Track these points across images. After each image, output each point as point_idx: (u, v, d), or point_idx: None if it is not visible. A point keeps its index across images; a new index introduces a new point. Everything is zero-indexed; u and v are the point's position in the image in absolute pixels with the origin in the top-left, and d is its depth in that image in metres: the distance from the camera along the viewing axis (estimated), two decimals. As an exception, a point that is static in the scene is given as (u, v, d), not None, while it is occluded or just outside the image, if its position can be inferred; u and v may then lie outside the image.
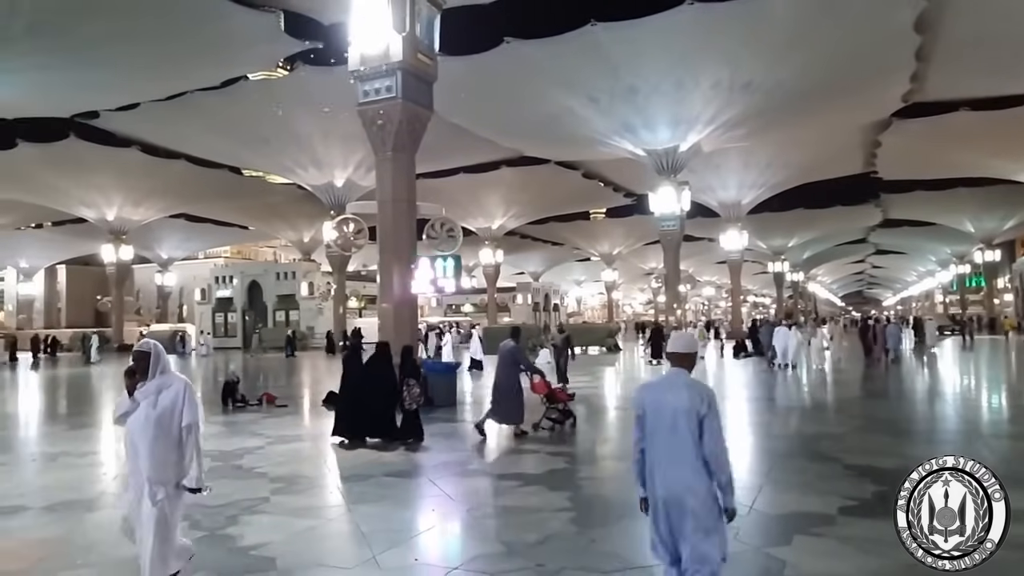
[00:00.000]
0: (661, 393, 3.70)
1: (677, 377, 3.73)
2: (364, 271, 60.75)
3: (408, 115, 14.32)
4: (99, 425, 13.73)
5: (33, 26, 20.89)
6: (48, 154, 36.37)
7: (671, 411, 3.58)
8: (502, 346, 11.28)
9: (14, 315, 66.43)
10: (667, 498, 3.56)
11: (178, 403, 4.14)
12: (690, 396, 3.58)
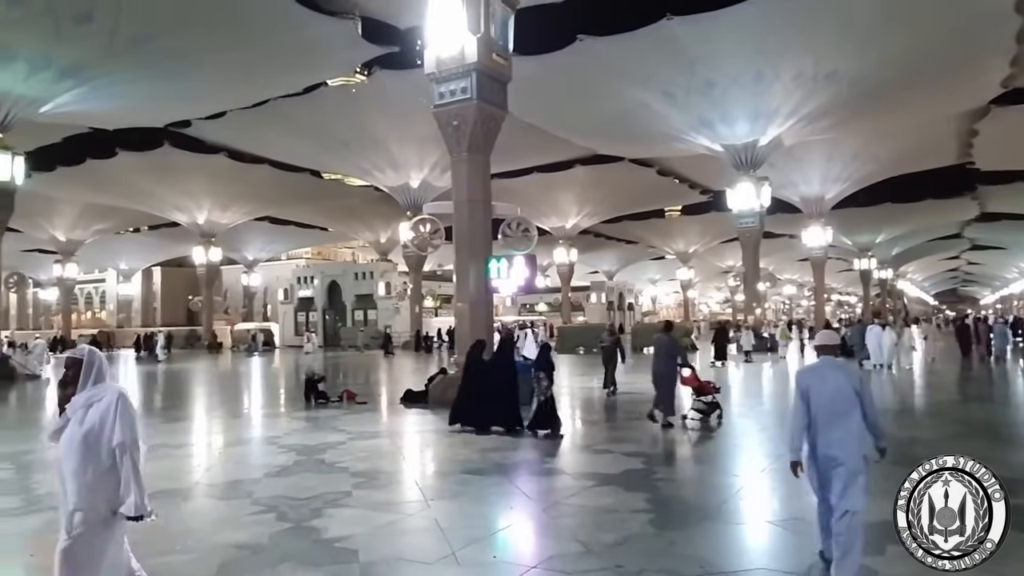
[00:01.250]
0: (821, 375, 4.62)
1: (830, 362, 4.72)
2: (439, 271, 61.63)
3: (483, 116, 14.44)
4: (191, 418, 14.45)
5: (133, 41, 22.13)
6: (145, 162, 38.51)
7: (832, 388, 4.49)
8: (657, 339, 12.06)
9: (115, 314, 70.69)
10: (827, 456, 4.41)
11: (108, 419, 3.49)
12: (846, 375, 4.61)
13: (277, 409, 15.71)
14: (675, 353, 11.63)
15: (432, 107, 14.87)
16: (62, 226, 51.69)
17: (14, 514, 6.71)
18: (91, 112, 27.79)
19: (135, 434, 3.55)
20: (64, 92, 24.12)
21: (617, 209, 52.50)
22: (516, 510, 6.79)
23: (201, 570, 5.04)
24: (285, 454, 9.48)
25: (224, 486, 7.77)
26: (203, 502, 7.22)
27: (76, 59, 22.52)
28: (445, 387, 14.66)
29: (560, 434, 10.56)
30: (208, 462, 9.69)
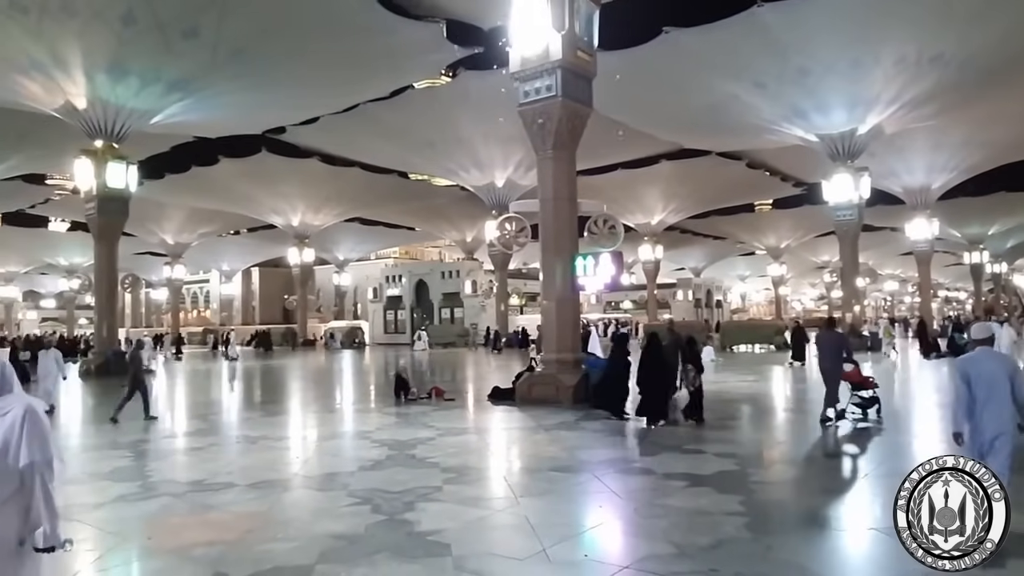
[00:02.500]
0: (982, 363, 5.34)
1: (988, 351, 5.50)
2: (525, 269, 61.94)
3: (568, 113, 14.40)
4: (287, 412, 15.08)
5: (234, 53, 23.29)
6: (244, 168, 40.50)
7: (989, 374, 5.22)
8: (825, 336, 11.90)
9: (218, 312, 74.65)
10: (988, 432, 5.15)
11: (12, 437, 2.99)
12: (1003, 363, 5.39)
13: (368, 405, 16.18)
14: (842, 348, 11.47)
15: (517, 106, 14.92)
16: (171, 230, 55.04)
17: (133, 499, 7.19)
18: (196, 122, 29.43)
19: (47, 453, 3.05)
20: (172, 104, 25.64)
21: (704, 204, 51.31)
22: (605, 509, 6.74)
23: (303, 558, 5.23)
24: (378, 449, 9.74)
25: (321, 478, 8.06)
26: (302, 493, 7.51)
27: (183, 72, 23.89)
28: (531, 384, 14.73)
29: (703, 423, 11.24)
30: (305, 455, 10.08)
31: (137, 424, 13.33)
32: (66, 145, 27.61)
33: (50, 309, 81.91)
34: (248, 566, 5.08)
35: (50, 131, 28.25)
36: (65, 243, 64.02)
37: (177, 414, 15.78)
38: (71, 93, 23.78)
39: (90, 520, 6.48)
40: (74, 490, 7.79)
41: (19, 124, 29.04)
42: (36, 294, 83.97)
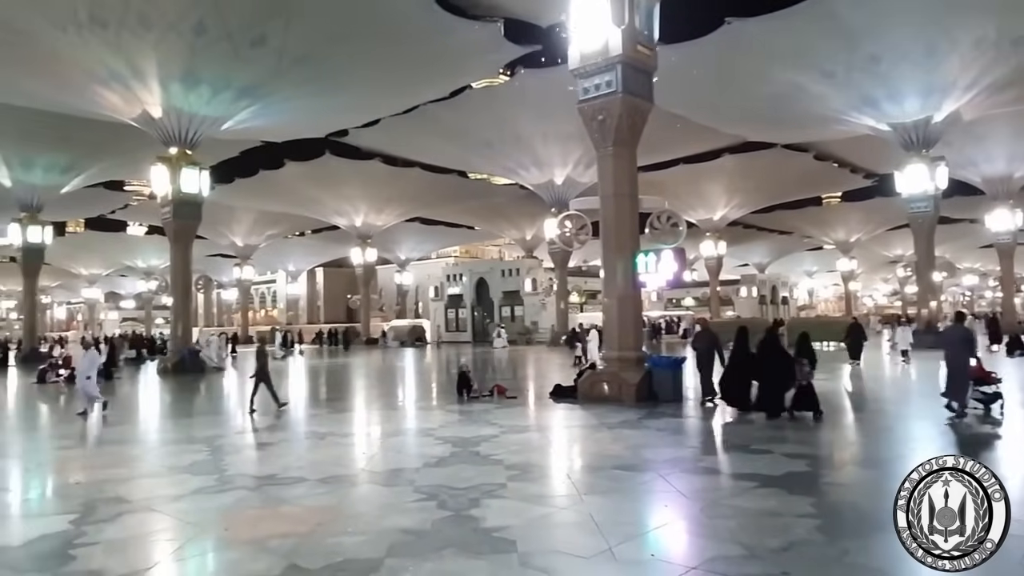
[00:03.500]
0: None
1: None
2: (585, 267, 61.68)
3: (628, 108, 14.24)
4: (353, 409, 15.39)
5: (298, 59, 23.92)
6: (308, 170, 41.57)
7: None
8: (952, 330, 11.94)
9: (284, 311, 76.85)
10: None
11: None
12: None
13: (430, 402, 16.38)
14: (969, 342, 11.38)
15: (576, 103, 14.84)
16: (240, 232, 56.99)
17: (210, 492, 7.46)
18: (263, 127, 30.36)
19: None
20: (241, 110, 26.49)
21: (769, 198, 50.07)
22: (671, 508, 6.65)
23: (372, 551, 5.34)
24: (441, 445, 9.85)
25: (387, 474, 8.20)
26: (369, 488, 7.66)
27: (251, 79, 24.66)
28: (593, 382, 14.65)
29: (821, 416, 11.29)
30: (371, 451, 10.27)
31: (211, 419, 13.86)
32: (143, 153, 28.87)
33: (129, 309, 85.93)
34: (320, 558, 5.22)
35: (128, 140, 29.61)
36: (143, 246, 67.13)
37: (247, 411, 16.31)
38: (147, 102, 24.83)
39: (170, 511, 6.77)
40: (155, 482, 8.16)
41: (100, 134, 30.55)
42: (116, 295, 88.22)
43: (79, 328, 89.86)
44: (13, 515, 7.33)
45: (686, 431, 11.20)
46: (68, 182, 36.04)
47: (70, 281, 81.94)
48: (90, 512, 6.70)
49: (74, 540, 5.86)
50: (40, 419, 15.59)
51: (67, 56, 22.41)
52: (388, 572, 4.94)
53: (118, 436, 12.12)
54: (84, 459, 10.14)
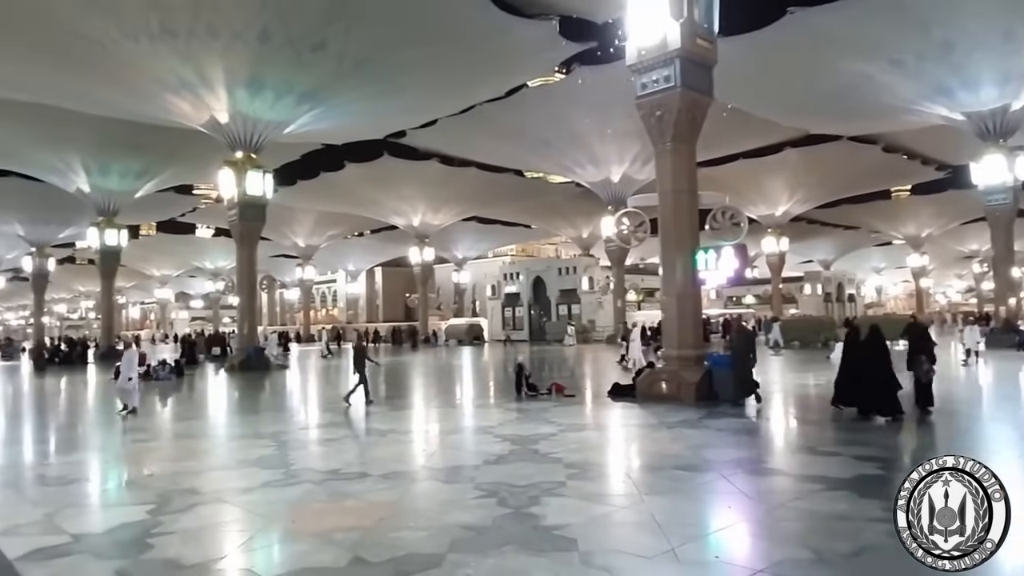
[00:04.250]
0: None
1: None
2: (642, 264, 61.03)
3: (687, 103, 14.02)
4: (412, 407, 15.60)
5: (358, 63, 24.37)
6: (367, 172, 42.33)
7: None
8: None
9: (344, 311, 78.44)
10: None
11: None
12: None
13: (488, 400, 16.48)
14: None
15: (634, 99, 14.69)
16: (302, 233, 58.47)
17: (277, 485, 7.68)
18: (324, 130, 31.05)
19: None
20: (303, 114, 27.16)
21: (834, 192, 48.57)
22: (735, 510, 6.52)
23: (434, 546, 5.40)
24: (500, 443, 9.89)
25: (447, 471, 8.29)
26: (430, 484, 7.75)
27: (312, 84, 25.25)
28: (651, 381, 14.49)
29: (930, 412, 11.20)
30: (431, 448, 10.40)
31: (277, 415, 14.27)
32: (210, 157, 29.91)
33: (198, 309, 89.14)
34: (384, 551, 5.31)
35: (196, 145, 30.72)
36: (210, 248, 69.56)
37: (310, 407, 16.74)
38: (215, 109, 25.70)
39: (240, 503, 6.99)
40: (225, 475, 8.44)
41: (171, 140, 31.81)
42: (186, 295, 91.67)
43: (152, 327, 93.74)
44: (95, 504, 7.70)
45: (748, 431, 10.97)
46: (142, 187, 37.65)
47: (143, 282, 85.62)
48: (165, 503, 6.98)
49: (151, 529, 6.11)
50: (115, 413, 16.28)
51: (140, 66, 23.37)
52: (450, 567, 4.99)
53: (189, 430, 12.59)
54: (158, 452, 10.56)
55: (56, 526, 6.32)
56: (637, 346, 22.03)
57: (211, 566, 5.29)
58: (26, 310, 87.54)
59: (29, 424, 15.01)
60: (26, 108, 28.23)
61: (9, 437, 12.87)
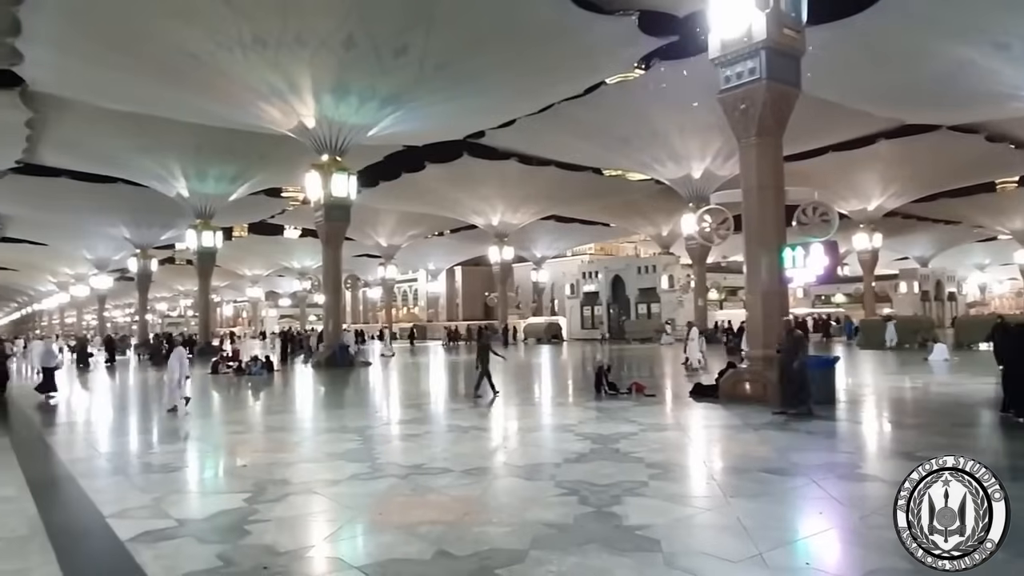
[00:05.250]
0: None
1: None
2: (724, 262, 59.58)
3: (773, 96, 13.59)
4: (493, 405, 15.73)
5: (438, 66, 24.79)
6: (447, 172, 42.96)
7: None
8: None
9: (424, 309, 79.91)
10: None
11: None
12: None
13: (567, 399, 16.46)
14: None
15: (717, 93, 14.36)
16: (384, 233, 59.93)
17: (364, 478, 7.92)
18: (405, 132, 31.71)
19: None
20: (385, 117, 27.84)
21: (932, 186, 45.97)
22: (826, 516, 6.29)
23: (516, 542, 5.45)
24: (581, 442, 9.88)
25: (528, 468, 8.33)
26: (511, 481, 7.81)
27: (395, 88, 25.84)
28: (735, 382, 14.15)
29: None
30: (512, 445, 10.48)
31: (361, 411, 14.68)
32: (298, 161, 31.04)
33: (286, 307, 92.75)
34: (468, 546, 5.40)
35: (285, 149, 31.97)
36: (298, 248, 72.20)
37: (392, 403, 17.16)
38: (303, 114, 26.67)
39: (328, 494, 7.25)
40: (314, 467, 8.76)
41: (261, 146, 33.26)
42: (275, 294, 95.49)
43: (244, 324, 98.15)
44: (196, 491, 8.14)
45: (840, 435, 10.56)
46: (235, 190, 39.52)
47: (236, 281, 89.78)
48: (260, 492, 7.31)
49: (248, 516, 6.41)
50: (214, 406, 17.16)
51: (234, 76, 24.49)
52: (533, 563, 5.03)
53: (280, 424, 13.13)
54: (252, 443, 11.07)
55: (162, 511, 6.73)
56: (695, 346, 22.04)
57: (304, 554, 5.51)
58: (131, 308, 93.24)
59: (135, 415, 15.99)
60: (132, 119, 30.15)
61: (117, 427, 13.76)
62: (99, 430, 13.44)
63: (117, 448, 11.08)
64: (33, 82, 25.97)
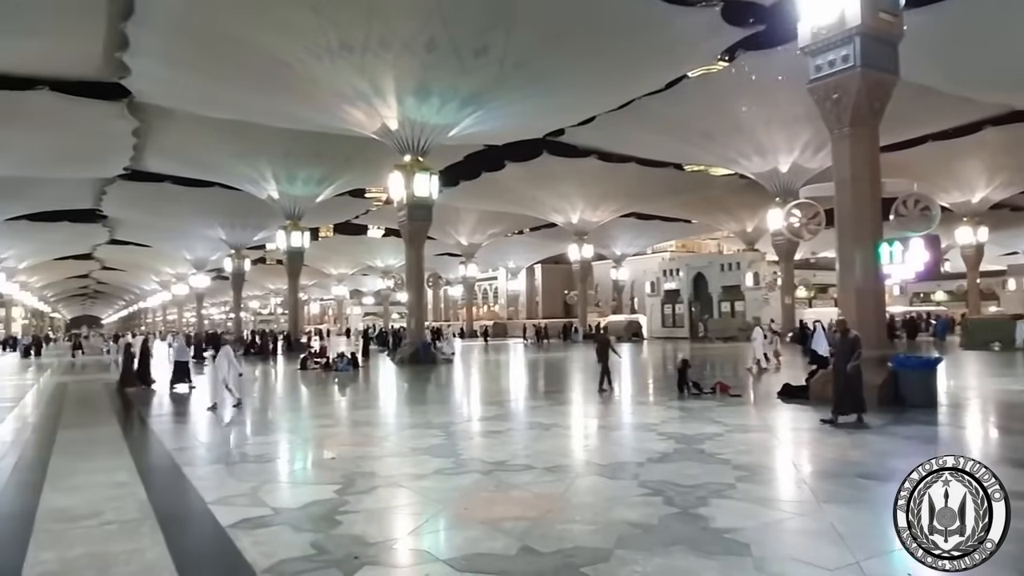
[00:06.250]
0: None
1: None
2: (813, 259, 57.38)
3: (868, 84, 12.97)
4: (573, 402, 15.71)
5: (518, 65, 24.89)
6: (527, 171, 43.11)
7: None
8: None
9: (505, 307, 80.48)
10: None
11: None
12: None
13: (649, 398, 16.23)
14: None
15: (807, 83, 13.83)
16: (464, 232, 60.70)
17: (448, 473, 8.05)
18: (485, 132, 32.02)
19: None
20: (466, 117, 28.19)
21: (1045, 175, 42.84)
22: (929, 525, 5.96)
23: (601, 541, 5.42)
24: (664, 441, 9.72)
25: (611, 466, 8.26)
26: (594, 480, 7.76)
27: (475, 88, 26.13)
28: (826, 383, 13.57)
29: None
30: (594, 443, 10.43)
31: (444, 407, 14.91)
32: (381, 162, 31.85)
33: (370, 305, 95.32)
34: (552, 543, 5.40)
35: (369, 151, 32.88)
36: (381, 248, 74.09)
37: (474, 400, 17.36)
38: (386, 116, 27.32)
39: (415, 488, 7.40)
40: (400, 461, 8.97)
41: (347, 148, 34.33)
42: (359, 292, 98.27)
43: (330, 321, 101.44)
44: (289, 482, 8.48)
45: (942, 440, 10.01)
46: (322, 192, 40.94)
47: (322, 280, 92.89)
48: (349, 484, 7.54)
49: (339, 507, 6.63)
50: (302, 400, 17.82)
51: (321, 81, 25.34)
52: (618, 562, 4.99)
53: (366, 418, 13.51)
54: (340, 437, 11.43)
55: (259, 499, 7.04)
56: (759, 344, 21.71)
57: (392, 545, 5.66)
58: (226, 305, 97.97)
59: (229, 409, 16.77)
60: (228, 126, 31.70)
61: (214, 418, 14.46)
62: (199, 421, 14.13)
63: (217, 439, 11.66)
64: (139, 93, 27.67)
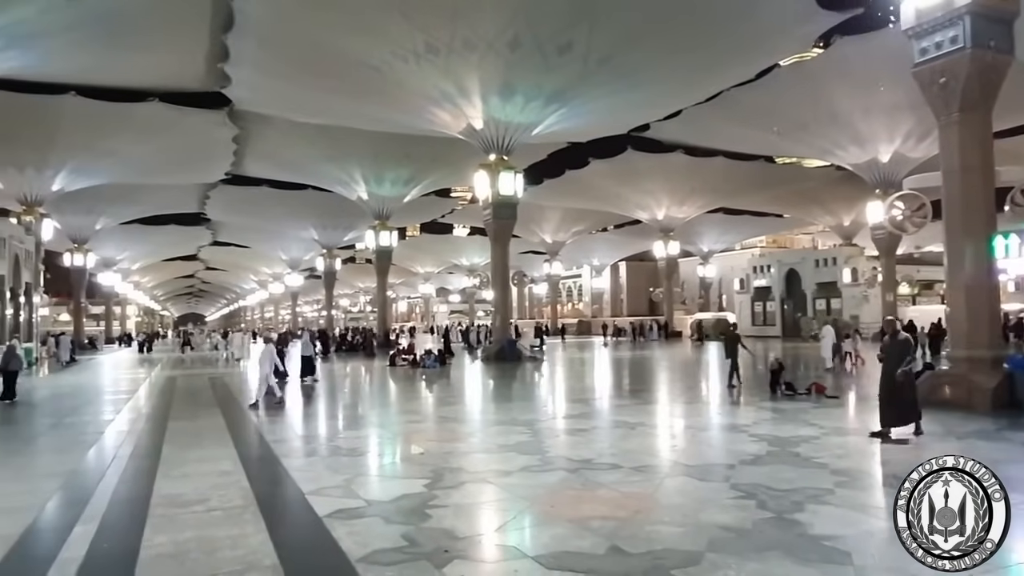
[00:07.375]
0: None
1: None
2: (917, 253, 54.29)
3: (979, 66, 12.16)
4: (660, 402, 15.45)
5: (602, 61, 24.69)
6: (611, 168, 42.69)
7: None
8: None
9: (589, 305, 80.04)
10: None
11: None
12: None
13: (740, 398, 15.77)
14: None
15: (911, 67, 13.09)
16: (548, 230, 60.72)
17: (535, 470, 8.07)
18: (568, 129, 31.92)
19: None
20: (550, 115, 28.19)
21: None
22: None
23: (692, 544, 5.31)
24: (756, 443, 9.43)
25: (701, 468, 8.08)
26: (684, 481, 7.60)
27: (559, 85, 26.08)
28: (933, 385, 12.85)
29: None
30: (683, 444, 10.22)
31: (529, 404, 14.97)
32: (467, 162, 32.25)
33: (456, 303, 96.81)
34: (641, 544, 5.33)
35: (455, 151, 33.38)
36: (466, 246, 75.12)
37: (559, 398, 17.34)
38: (471, 116, 27.66)
39: (502, 484, 7.46)
40: (487, 458, 9.06)
41: (433, 149, 34.99)
42: (445, 290, 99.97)
43: (417, 319, 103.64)
44: (380, 475, 8.71)
45: (1066, 449, 9.27)
46: (409, 192, 41.88)
47: (409, 279, 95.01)
48: (438, 479, 7.68)
49: (428, 501, 6.76)
50: (391, 396, 18.27)
51: (408, 84, 25.90)
52: (709, 566, 4.87)
53: (454, 415, 13.72)
54: (428, 433, 11.66)
55: (352, 491, 7.27)
56: (828, 344, 21.20)
57: (481, 540, 5.72)
58: (318, 303, 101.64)
59: (323, 403, 17.39)
60: (320, 130, 32.91)
61: (308, 412, 15.03)
62: (295, 414, 14.71)
63: (313, 432, 12.12)
64: (239, 101, 29.08)
